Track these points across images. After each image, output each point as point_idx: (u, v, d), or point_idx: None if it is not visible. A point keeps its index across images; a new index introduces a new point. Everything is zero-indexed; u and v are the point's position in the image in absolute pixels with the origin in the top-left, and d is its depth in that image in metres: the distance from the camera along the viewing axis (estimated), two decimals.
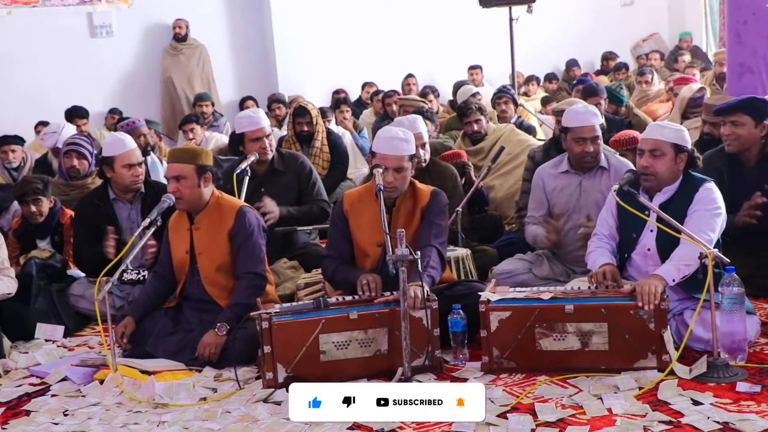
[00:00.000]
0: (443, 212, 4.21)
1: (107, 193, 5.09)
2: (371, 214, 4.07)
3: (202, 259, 4.26)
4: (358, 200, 4.22)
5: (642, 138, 4.02)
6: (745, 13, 6.14)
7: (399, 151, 4.08)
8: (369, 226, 4.11)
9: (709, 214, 3.80)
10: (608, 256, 4.01)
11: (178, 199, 4.23)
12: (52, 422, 3.58)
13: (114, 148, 5.01)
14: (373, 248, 4.13)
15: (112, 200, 5.07)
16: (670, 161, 3.88)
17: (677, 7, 14.36)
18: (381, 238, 3.94)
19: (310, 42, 11.20)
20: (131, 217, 5.05)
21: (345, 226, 4.21)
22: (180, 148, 4.95)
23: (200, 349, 4.04)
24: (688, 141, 3.94)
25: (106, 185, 5.10)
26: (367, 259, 4.16)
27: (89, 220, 5.06)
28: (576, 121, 4.51)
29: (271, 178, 5.42)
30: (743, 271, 3.90)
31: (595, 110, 4.60)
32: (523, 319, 3.68)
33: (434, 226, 4.11)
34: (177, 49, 10.82)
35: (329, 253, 4.25)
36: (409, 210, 4.16)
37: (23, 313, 4.75)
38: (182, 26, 10.81)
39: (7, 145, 7.24)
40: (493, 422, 3.22)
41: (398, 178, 4.07)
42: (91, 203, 5.10)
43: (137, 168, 5.01)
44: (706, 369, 3.47)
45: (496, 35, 10.12)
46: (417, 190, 4.21)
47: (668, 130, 3.92)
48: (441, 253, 4.09)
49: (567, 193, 4.62)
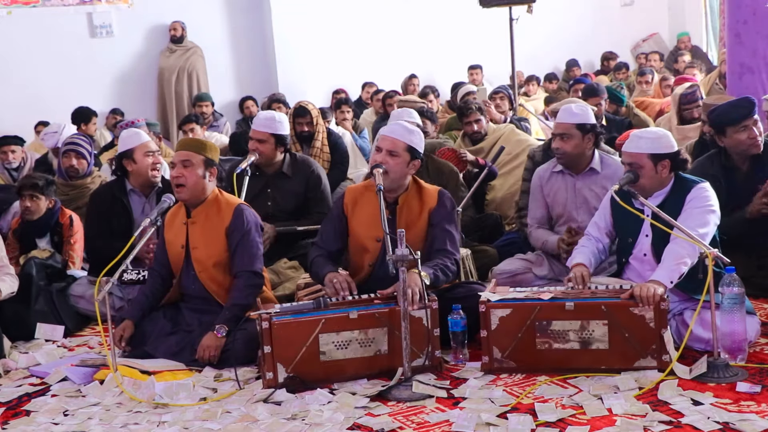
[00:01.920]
0: (454, 216, 4.21)
1: (124, 185, 5.11)
2: (372, 210, 4.07)
3: (197, 253, 4.25)
4: (360, 195, 4.22)
5: (622, 150, 4.03)
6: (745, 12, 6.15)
7: (397, 135, 4.09)
8: (369, 222, 4.11)
9: (700, 211, 3.80)
10: (585, 255, 4.03)
11: (180, 186, 4.21)
12: (52, 422, 3.58)
13: (131, 141, 5.09)
14: (373, 243, 4.12)
15: (129, 191, 5.10)
16: (650, 171, 3.87)
17: (677, 7, 14.35)
18: (380, 234, 3.93)
19: (310, 42, 11.20)
20: (145, 211, 5.03)
21: (342, 222, 4.21)
22: (191, 138, 4.98)
23: (200, 351, 4.03)
24: (668, 147, 3.89)
25: (123, 179, 5.12)
26: (366, 255, 4.15)
27: (103, 212, 5.08)
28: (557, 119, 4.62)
29: (278, 179, 5.41)
30: (743, 271, 3.91)
31: (571, 108, 4.60)
32: (523, 317, 3.68)
33: (449, 235, 4.09)
34: (172, 50, 10.82)
35: (317, 242, 4.29)
36: (413, 210, 4.14)
37: (23, 313, 4.75)
38: (178, 28, 10.81)
39: (6, 146, 7.24)
40: (493, 422, 3.23)
41: (389, 162, 4.02)
42: (107, 194, 5.13)
43: (157, 156, 5.10)
44: (707, 369, 3.47)
45: (496, 35, 10.11)
46: (423, 189, 4.20)
47: (644, 141, 3.90)
48: (458, 264, 4.11)
49: (562, 195, 4.64)
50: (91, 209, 5.21)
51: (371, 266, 4.13)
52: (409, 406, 3.46)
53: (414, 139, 4.12)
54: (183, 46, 10.84)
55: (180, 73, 10.76)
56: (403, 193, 4.15)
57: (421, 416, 3.35)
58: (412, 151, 4.09)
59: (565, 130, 4.52)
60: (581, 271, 3.91)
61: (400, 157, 4.06)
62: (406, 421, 3.32)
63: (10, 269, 4.67)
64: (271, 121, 5.36)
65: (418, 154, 4.13)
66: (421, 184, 4.23)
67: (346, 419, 3.36)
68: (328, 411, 3.44)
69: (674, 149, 3.90)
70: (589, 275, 3.92)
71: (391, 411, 3.42)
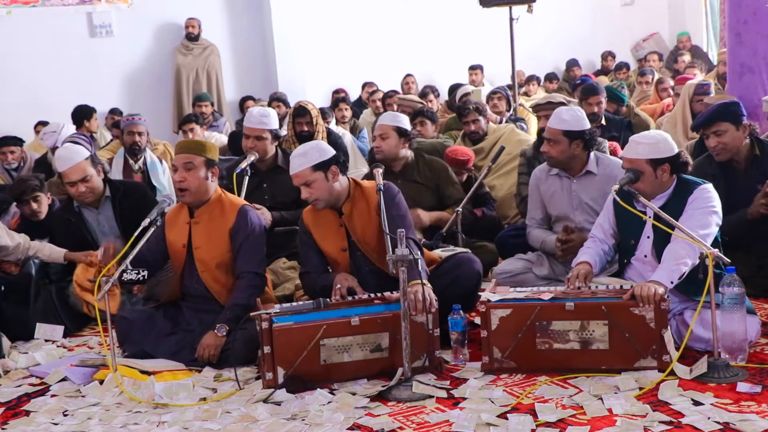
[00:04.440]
0: (396, 201, 4.14)
1: (71, 204, 5.14)
2: (328, 222, 4.13)
3: (200, 253, 4.25)
4: (314, 214, 4.21)
5: (621, 156, 4.02)
6: (746, 12, 6.13)
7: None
8: (330, 234, 4.15)
9: (702, 212, 3.79)
10: (589, 254, 4.02)
11: (183, 190, 4.21)
12: (52, 422, 3.57)
13: (59, 165, 5.06)
14: (340, 254, 4.15)
15: (77, 209, 5.11)
16: (650, 176, 3.86)
17: (677, 7, 14.34)
18: (344, 243, 4.08)
19: (310, 42, 11.20)
20: (100, 222, 5.10)
21: (311, 240, 4.21)
22: (189, 140, 4.94)
23: (200, 350, 4.03)
24: (667, 150, 3.87)
25: (70, 198, 5.14)
26: (339, 267, 4.18)
27: (64, 234, 5.13)
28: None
29: (273, 175, 5.44)
30: (744, 271, 3.90)
31: (561, 114, 4.57)
32: (523, 318, 3.67)
33: (397, 219, 4.01)
34: (188, 48, 10.80)
35: (305, 270, 4.27)
36: (362, 212, 4.14)
37: (23, 314, 4.75)
38: (195, 25, 10.77)
39: (5, 146, 7.22)
40: (493, 422, 3.22)
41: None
42: (61, 218, 5.18)
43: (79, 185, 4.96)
44: (707, 369, 3.46)
45: (496, 35, 10.10)
46: (364, 189, 4.18)
47: (642, 146, 3.89)
48: (415, 240, 4.06)
49: (558, 197, 4.65)
50: (52, 236, 5.24)
51: (352, 274, 4.13)
52: (409, 406, 3.45)
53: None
54: (199, 44, 10.82)
55: (199, 71, 10.75)
56: (346, 200, 4.14)
57: (421, 416, 3.35)
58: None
59: (552, 136, 4.53)
60: (584, 269, 3.90)
61: (313, 182, 4.05)
62: (406, 422, 3.31)
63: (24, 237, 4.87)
64: (266, 117, 5.41)
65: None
66: (362, 185, 4.21)
67: (346, 419, 3.36)
68: (328, 411, 3.44)
69: (673, 152, 3.89)
70: (591, 273, 3.91)
71: (391, 411, 3.42)
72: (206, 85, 10.80)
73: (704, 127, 4.62)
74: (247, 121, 5.46)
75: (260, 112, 5.48)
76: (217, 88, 10.86)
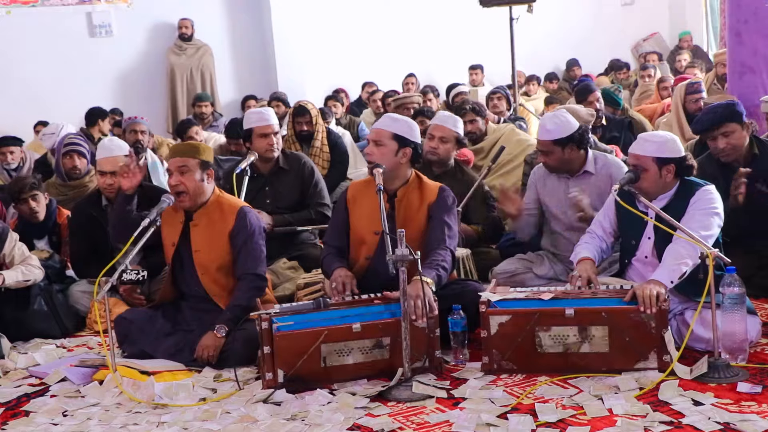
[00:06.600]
0: (454, 211, 4.20)
1: (100, 200, 5.11)
2: (371, 203, 4.07)
3: (200, 256, 4.24)
4: (361, 190, 4.24)
5: (629, 151, 4.01)
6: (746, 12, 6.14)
7: (381, 125, 4.18)
8: (368, 215, 4.13)
9: (703, 213, 3.78)
10: (590, 250, 4.01)
11: (181, 193, 4.20)
12: (52, 423, 3.57)
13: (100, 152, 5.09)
14: (371, 236, 4.13)
15: (104, 207, 5.08)
16: (654, 175, 3.85)
17: (678, 7, 14.36)
18: (379, 228, 3.93)
19: (310, 42, 11.20)
20: None
21: (344, 216, 4.23)
22: (183, 143, 4.94)
23: (199, 350, 4.03)
24: (674, 151, 3.86)
25: (99, 192, 5.11)
26: (363, 246, 4.17)
27: (84, 229, 5.10)
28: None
29: (275, 177, 5.44)
30: (744, 271, 3.89)
31: (545, 125, 4.55)
32: (522, 322, 3.66)
33: (447, 227, 4.08)
34: (182, 48, 10.81)
35: (326, 240, 4.35)
36: (413, 203, 4.15)
37: (22, 314, 4.74)
38: (188, 26, 10.81)
39: (5, 147, 7.21)
40: (493, 422, 3.22)
41: (375, 152, 4.09)
42: (85, 211, 5.14)
43: (108, 177, 4.99)
44: (707, 369, 3.46)
45: (496, 35, 10.11)
46: (423, 184, 4.20)
47: (650, 144, 3.89)
48: (454, 256, 4.10)
49: (556, 196, 4.64)
50: (73, 227, 5.24)
51: (368, 259, 4.14)
52: (409, 406, 3.45)
53: (400, 126, 4.14)
54: (193, 44, 10.85)
55: (193, 72, 10.75)
56: (403, 186, 4.15)
57: (421, 416, 3.34)
58: (399, 138, 4.10)
59: (544, 147, 4.53)
60: (586, 272, 3.88)
61: (386, 147, 4.09)
62: (406, 422, 3.31)
63: (32, 260, 4.73)
64: (272, 115, 5.43)
65: (408, 141, 4.11)
66: (423, 178, 4.24)
67: (346, 419, 3.35)
68: (328, 411, 3.43)
69: (680, 154, 3.88)
70: (595, 274, 3.89)
71: (391, 411, 3.41)
72: (200, 85, 10.82)
73: (713, 130, 4.57)
74: (254, 121, 5.46)
75: (266, 110, 5.51)
76: (211, 88, 10.86)
